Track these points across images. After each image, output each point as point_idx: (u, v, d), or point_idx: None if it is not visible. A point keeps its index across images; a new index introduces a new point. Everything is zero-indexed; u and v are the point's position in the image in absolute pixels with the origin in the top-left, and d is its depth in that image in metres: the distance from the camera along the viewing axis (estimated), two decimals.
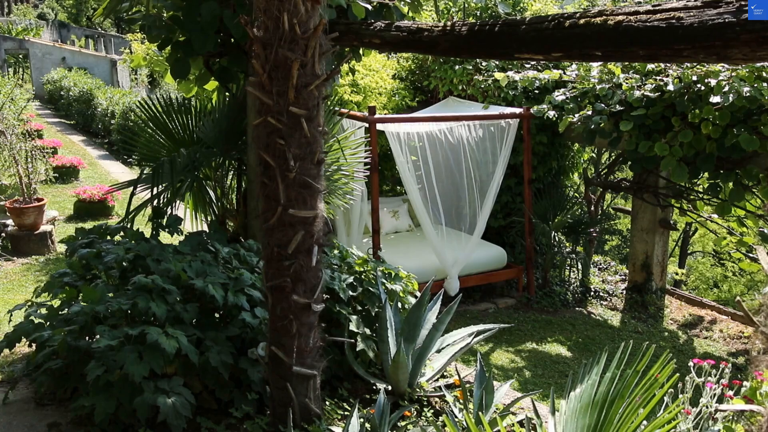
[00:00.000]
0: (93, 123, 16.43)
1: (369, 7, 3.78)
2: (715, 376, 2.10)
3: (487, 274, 7.16)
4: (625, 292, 7.64)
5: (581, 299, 7.52)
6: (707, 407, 2.01)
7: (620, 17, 2.12)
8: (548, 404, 2.10)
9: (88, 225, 5.26)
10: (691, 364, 2.17)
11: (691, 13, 1.92)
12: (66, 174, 10.79)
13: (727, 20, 1.82)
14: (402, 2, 4.11)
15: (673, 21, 1.95)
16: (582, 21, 2.23)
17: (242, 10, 3.94)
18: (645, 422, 1.74)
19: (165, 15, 4.24)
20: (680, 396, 2.03)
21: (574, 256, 7.66)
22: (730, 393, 2.05)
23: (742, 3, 1.80)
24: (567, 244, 7.71)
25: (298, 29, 2.58)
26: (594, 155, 9.06)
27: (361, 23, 3.50)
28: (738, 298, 6.73)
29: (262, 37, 2.63)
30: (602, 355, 1.94)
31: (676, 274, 14.49)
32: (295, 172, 2.67)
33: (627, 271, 7.92)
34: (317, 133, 2.73)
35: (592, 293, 7.69)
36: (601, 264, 8.97)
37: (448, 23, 2.81)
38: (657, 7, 2.03)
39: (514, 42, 2.50)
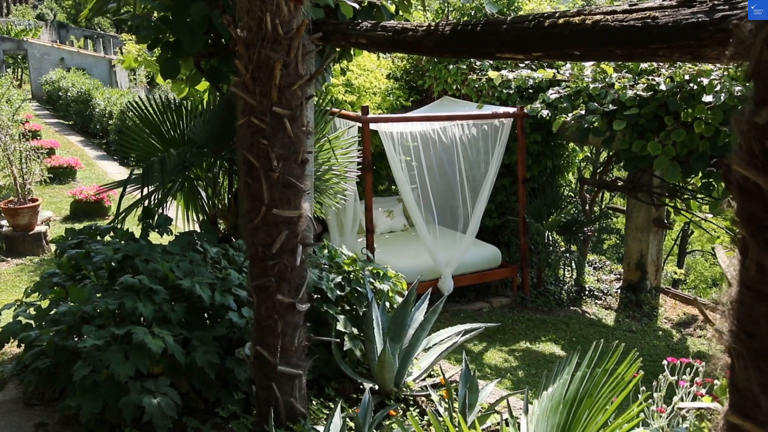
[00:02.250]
0: (91, 123, 16.45)
1: (357, 6, 3.79)
2: (690, 374, 2.11)
3: (482, 273, 7.16)
4: (619, 291, 7.64)
5: (576, 298, 7.53)
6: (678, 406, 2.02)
7: (598, 17, 2.12)
8: (524, 403, 2.11)
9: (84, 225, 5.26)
10: (665, 362, 2.18)
11: (666, 13, 1.92)
12: (63, 174, 10.80)
13: (700, 20, 1.82)
14: (389, 1, 4.11)
15: (649, 20, 1.95)
16: (561, 21, 2.23)
17: (231, 10, 3.95)
18: (612, 420, 1.75)
19: (155, 15, 4.25)
20: (655, 394, 2.04)
21: (568, 255, 7.66)
22: (703, 391, 2.06)
23: (715, 3, 1.80)
24: (562, 244, 7.72)
25: (281, 29, 2.59)
26: (590, 155, 9.06)
27: (349, 23, 3.50)
28: (697, 297, 6.75)
29: (245, 37, 2.64)
30: (575, 355, 1.95)
31: (675, 273, 14.48)
32: (279, 172, 2.67)
33: (622, 270, 7.93)
34: (301, 133, 2.73)
35: (586, 292, 7.70)
36: (596, 263, 8.97)
37: (433, 23, 2.81)
38: (633, 7, 2.03)
39: (496, 41, 2.50)
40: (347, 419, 2.80)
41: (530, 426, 1.87)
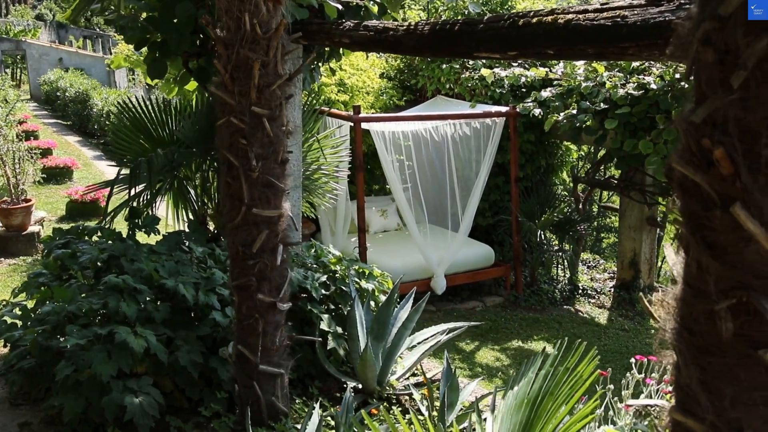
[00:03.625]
0: (89, 124, 16.45)
1: (340, 7, 3.79)
2: (659, 372, 2.12)
3: (475, 272, 7.16)
4: (613, 289, 7.64)
5: (569, 297, 7.52)
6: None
7: (570, 16, 2.13)
8: (491, 402, 2.12)
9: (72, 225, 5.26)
10: (632, 360, 2.18)
11: (635, 12, 1.93)
12: (60, 175, 10.80)
13: (667, 18, 1.83)
14: (372, 2, 4.12)
15: (618, 19, 1.96)
16: (535, 20, 2.24)
17: (215, 10, 3.95)
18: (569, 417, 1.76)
19: (142, 15, 4.25)
20: (623, 392, 2.05)
21: (561, 254, 7.67)
22: (668, 389, 2.06)
23: (682, 2, 1.81)
24: (555, 243, 7.72)
25: (259, 29, 2.60)
26: (583, 153, 9.06)
27: (333, 23, 3.51)
28: (641, 294, 6.74)
29: (224, 37, 2.65)
30: (540, 355, 1.95)
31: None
32: (258, 171, 2.68)
33: (615, 269, 7.93)
34: (281, 133, 2.74)
35: (580, 291, 7.70)
36: (589, 262, 8.97)
37: (413, 23, 2.82)
38: (604, 6, 2.04)
39: (473, 41, 2.51)
40: (328, 417, 2.81)
41: (495, 424, 1.88)
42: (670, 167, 1.00)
